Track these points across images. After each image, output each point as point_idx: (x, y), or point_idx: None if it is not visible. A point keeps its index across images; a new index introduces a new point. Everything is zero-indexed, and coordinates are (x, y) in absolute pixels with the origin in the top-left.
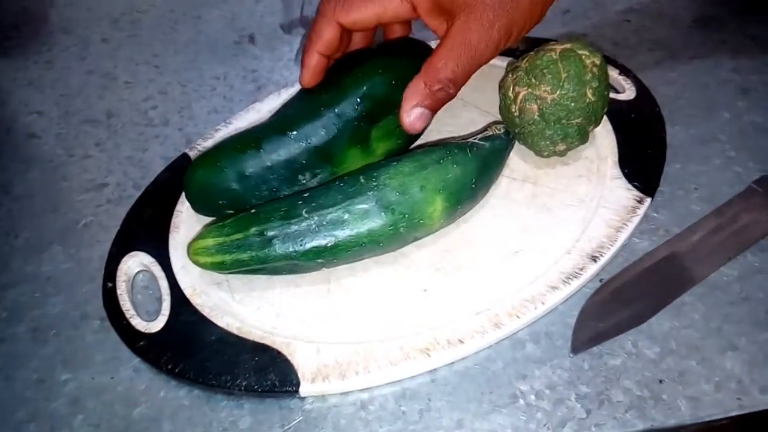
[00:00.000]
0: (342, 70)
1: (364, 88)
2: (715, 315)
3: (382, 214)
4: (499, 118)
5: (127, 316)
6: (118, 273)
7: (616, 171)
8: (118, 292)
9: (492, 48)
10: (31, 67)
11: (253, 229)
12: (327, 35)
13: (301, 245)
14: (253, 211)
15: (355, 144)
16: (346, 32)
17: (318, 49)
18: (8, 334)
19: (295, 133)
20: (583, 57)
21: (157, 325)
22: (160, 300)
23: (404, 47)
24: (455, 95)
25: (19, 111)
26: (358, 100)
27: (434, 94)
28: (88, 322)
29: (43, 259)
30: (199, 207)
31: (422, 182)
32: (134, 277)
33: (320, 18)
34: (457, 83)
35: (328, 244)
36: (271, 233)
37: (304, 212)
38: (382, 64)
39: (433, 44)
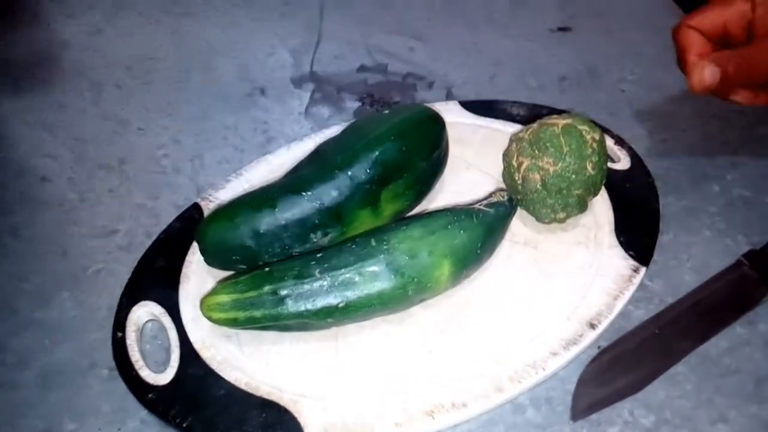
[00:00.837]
0: (356, 135)
1: (377, 153)
2: (706, 386)
3: (392, 276)
4: (499, 180)
5: (136, 367)
6: (128, 323)
7: (613, 239)
8: (128, 342)
9: None
10: (45, 109)
11: (266, 288)
12: (694, 39)
13: (313, 305)
14: (267, 269)
15: (365, 205)
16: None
17: (696, 52)
18: (15, 380)
19: (309, 193)
20: (584, 132)
21: (165, 377)
22: (168, 350)
23: (415, 115)
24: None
25: (30, 153)
26: (370, 164)
27: (737, 65)
28: (96, 371)
29: (51, 304)
30: (211, 260)
31: (431, 247)
32: (143, 326)
33: (678, 31)
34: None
35: (340, 304)
36: (284, 292)
37: (316, 272)
38: (394, 131)
39: (438, 107)
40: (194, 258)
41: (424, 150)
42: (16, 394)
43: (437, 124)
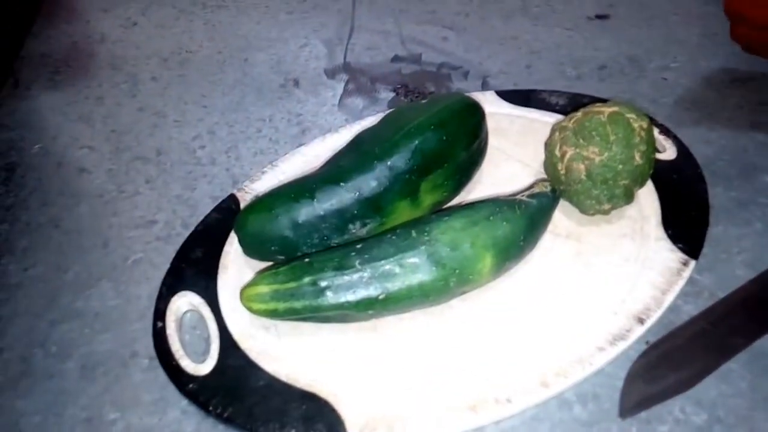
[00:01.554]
0: (395, 125)
1: (416, 142)
2: (762, 384)
3: (433, 268)
4: (539, 171)
5: (177, 357)
6: (168, 313)
7: (660, 232)
8: (168, 332)
9: None
10: (82, 101)
11: (306, 279)
12: None
13: (353, 296)
14: (306, 260)
15: (404, 196)
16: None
17: None
18: (57, 370)
19: (348, 184)
20: (631, 120)
21: (206, 368)
22: (207, 340)
23: (455, 103)
24: None
25: (69, 145)
26: (410, 154)
27: None
28: (137, 361)
29: (92, 294)
30: (250, 251)
31: (473, 239)
32: (182, 316)
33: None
34: None
35: (380, 296)
36: (324, 283)
37: (357, 263)
38: (434, 120)
39: (474, 97)
40: (232, 248)
41: (464, 139)
42: (59, 383)
43: (477, 113)
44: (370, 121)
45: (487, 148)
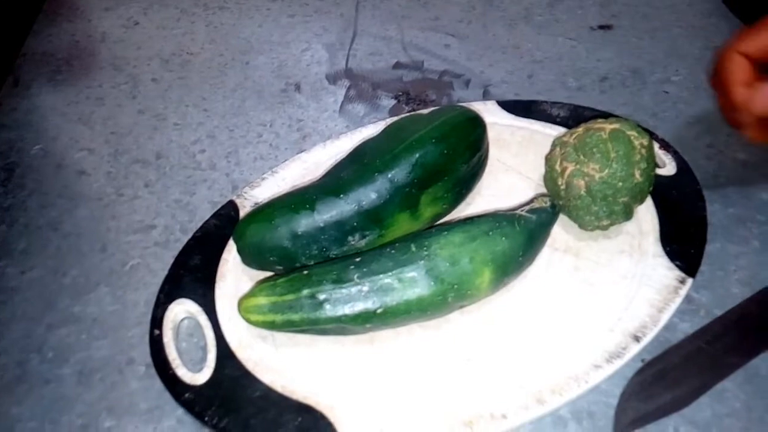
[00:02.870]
0: (397, 137)
1: (417, 155)
2: (757, 404)
3: (432, 283)
4: (539, 184)
5: (173, 365)
6: (165, 320)
7: (659, 248)
8: (164, 340)
9: None
10: (82, 102)
11: (305, 291)
12: (741, 67)
13: (351, 309)
14: (305, 272)
15: (404, 209)
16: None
17: (739, 84)
18: (54, 375)
19: (348, 196)
20: (632, 138)
21: (202, 377)
22: (204, 349)
23: (456, 116)
24: None
25: (69, 147)
26: (411, 167)
27: None
28: (134, 368)
29: (90, 299)
30: (248, 261)
31: (472, 254)
32: (179, 323)
33: (724, 59)
34: None
35: (378, 310)
36: (322, 296)
37: (355, 277)
38: (435, 133)
39: (475, 106)
40: (230, 256)
41: (464, 153)
42: (55, 389)
43: (478, 126)
44: (371, 129)
45: (488, 159)
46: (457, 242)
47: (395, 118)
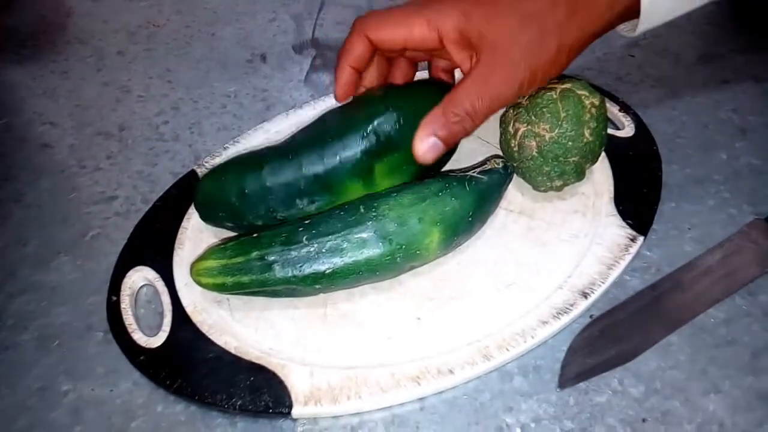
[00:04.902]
0: (356, 105)
1: (374, 123)
2: (700, 357)
3: (380, 243)
4: (497, 148)
5: (129, 330)
6: (123, 287)
7: (611, 208)
8: (122, 305)
9: (515, 90)
10: (47, 76)
11: (254, 253)
12: (357, 50)
13: (300, 271)
14: (254, 235)
15: (356, 176)
16: (379, 51)
17: (349, 62)
18: (13, 341)
19: (297, 159)
20: (583, 97)
21: (157, 341)
22: (161, 315)
23: (423, 88)
24: (471, 132)
25: (33, 120)
26: (364, 134)
27: (451, 126)
28: (92, 334)
29: (50, 268)
30: (203, 215)
31: (420, 214)
32: (138, 290)
33: (352, 33)
34: (475, 119)
35: (327, 271)
36: (271, 258)
37: (304, 239)
38: (395, 102)
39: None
40: (189, 224)
41: None
42: (15, 354)
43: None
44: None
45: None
46: (405, 203)
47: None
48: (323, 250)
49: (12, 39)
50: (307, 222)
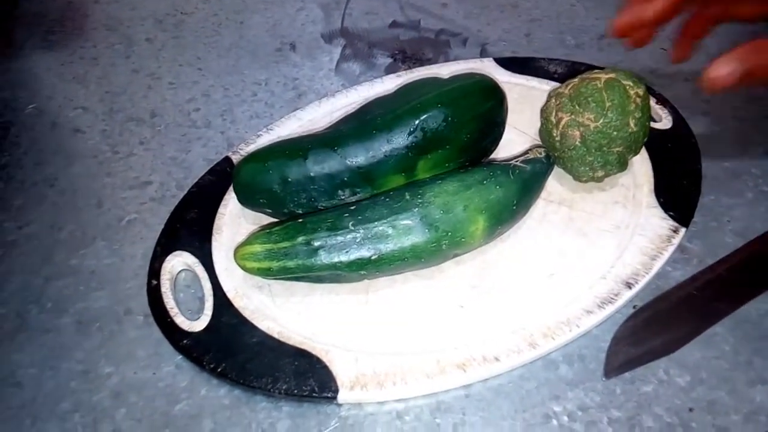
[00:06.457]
0: (404, 97)
1: (420, 118)
2: (744, 348)
3: (426, 230)
4: (535, 138)
5: (171, 314)
6: (162, 271)
7: (652, 199)
8: (162, 290)
9: None
10: (76, 62)
11: (300, 238)
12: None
13: (345, 256)
14: (300, 220)
15: (399, 171)
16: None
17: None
18: (53, 325)
19: (342, 150)
20: (627, 87)
21: (200, 325)
22: (202, 299)
23: (470, 85)
24: None
25: (64, 106)
26: (411, 129)
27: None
28: (132, 318)
29: (86, 253)
30: (241, 199)
31: (466, 202)
32: (177, 275)
33: None
34: None
35: (372, 257)
36: (317, 243)
37: (350, 225)
38: (442, 99)
39: (472, 64)
40: (227, 210)
41: (470, 123)
42: (55, 338)
43: (492, 98)
44: (366, 87)
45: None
46: (451, 190)
47: (413, 77)
48: (369, 236)
49: (39, 25)
50: (352, 208)
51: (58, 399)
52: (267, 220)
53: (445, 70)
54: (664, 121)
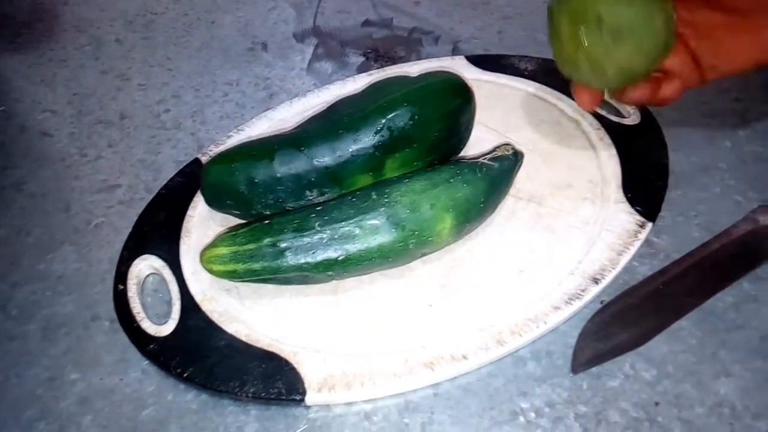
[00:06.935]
0: (371, 96)
1: (387, 117)
2: (710, 341)
3: (393, 230)
4: (505, 135)
5: (138, 319)
6: (129, 275)
7: (620, 195)
8: (129, 294)
9: None
10: (45, 64)
11: (266, 240)
12: None
13: (312, 257)
14: (266, 221)
15: (367, 171)
16: None
17: None
18: (19, 332)
19: (308, 150)
20: None
21: (166, 329)
22: (169, 303)
23: (438, 83)
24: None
25: (32, 108)
26: (378, 128)
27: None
28: (99, 323)
29: (54, 258)
30: (209, 200)
31: (432, 200)
32: (144, 279)
33: None
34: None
35: (339, 257)
36: (283, 245)
37: (316, 225)
38: (410, 97)
39: (444, 62)
40: (195, 212)
41: (438, 122)
42: (21, 344)
43: (459, 97)
44: (338, 86)
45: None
46: (417, 189)
47: (381, 76)
48: (336, 237)
49: (7, 27)
50: (319, 208)
51: (23, 407)
52: (236, 221)
53: (416, 68)
54: (632, 116)
